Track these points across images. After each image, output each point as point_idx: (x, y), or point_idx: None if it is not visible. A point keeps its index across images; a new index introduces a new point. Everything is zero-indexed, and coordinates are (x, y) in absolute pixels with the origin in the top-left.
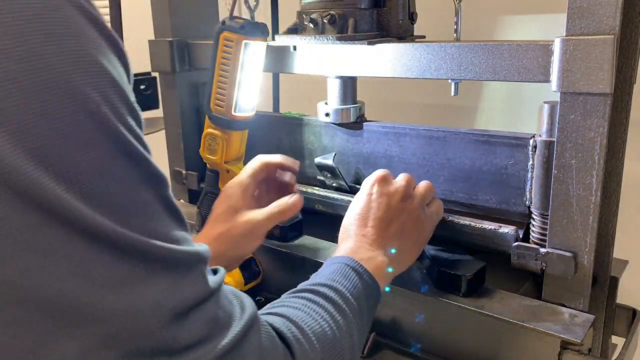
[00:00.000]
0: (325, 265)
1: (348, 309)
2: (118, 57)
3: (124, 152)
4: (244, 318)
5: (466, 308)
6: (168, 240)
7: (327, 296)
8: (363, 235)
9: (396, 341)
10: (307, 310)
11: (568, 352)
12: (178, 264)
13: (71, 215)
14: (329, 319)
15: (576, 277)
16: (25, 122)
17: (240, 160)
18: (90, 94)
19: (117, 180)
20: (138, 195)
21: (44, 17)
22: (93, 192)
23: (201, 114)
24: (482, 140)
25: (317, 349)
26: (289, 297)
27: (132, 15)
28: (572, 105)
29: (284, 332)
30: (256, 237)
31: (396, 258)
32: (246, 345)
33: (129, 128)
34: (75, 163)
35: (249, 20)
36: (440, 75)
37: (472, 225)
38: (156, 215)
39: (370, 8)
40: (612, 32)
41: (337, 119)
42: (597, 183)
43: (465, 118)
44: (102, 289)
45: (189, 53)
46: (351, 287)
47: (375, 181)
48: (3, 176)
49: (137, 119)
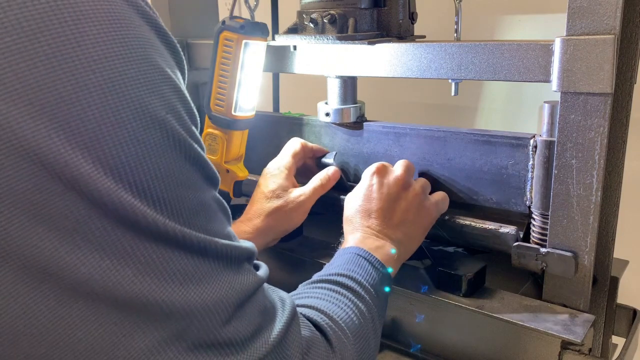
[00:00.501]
0: (337, 256)
1: (367, 296)
2: (175, 60)
3: (188, 157)
4: (286, 309)
5: (466, 308)
6: (225, 237)
7: (346, 285)
8: (368, 227)
9: (396, 341)
10: (331, 299)
11: (568, 352)
12: (235, 259)
13: (143, 220)
14: (352, 307)
15: (576, 277)
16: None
17: (240, 160)
18: (158, 105)
19: (183, 185)
20: (199, 197)
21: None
22: (162, 198)
23: (201, 114)
24: (482, 140)
25: (349, 335)
26: (309, 288)
27: None
28: (573, 105)
29: (317, 321)
30: (304, 211)
31: (402, 245)
32: (292, 335)
33: (191, 133)
34: (145, 172)
35: (249, 20)
36: (441, 75)
37: (472, 225)
38: (214, 214)
39: (370, 8)
40: (612, 32)
41: (338, 119)
42: (598, 183)
43: (465, 118)
44: (173, 286)
45: (189, 53)
46: (366, 275)
47: (374, 172)
48: (78, 184)
49: (195, 121)
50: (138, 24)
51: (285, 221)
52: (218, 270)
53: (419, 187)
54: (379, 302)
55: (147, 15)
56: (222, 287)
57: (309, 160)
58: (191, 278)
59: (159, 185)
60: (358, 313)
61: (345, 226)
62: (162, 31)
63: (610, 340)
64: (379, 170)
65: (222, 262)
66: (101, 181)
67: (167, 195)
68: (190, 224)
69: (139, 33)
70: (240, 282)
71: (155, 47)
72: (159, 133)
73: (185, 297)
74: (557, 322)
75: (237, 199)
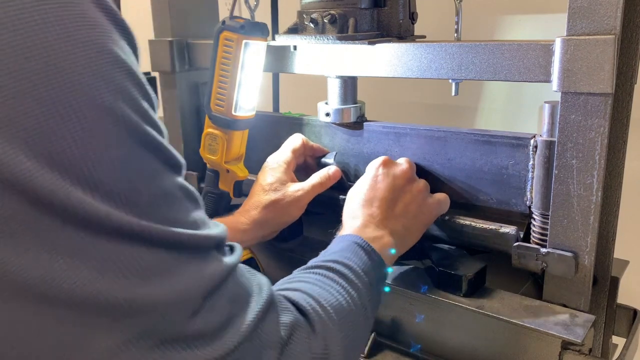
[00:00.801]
0: (334, 243)
1: (361, 284)
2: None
3: (143, 143)
4: (263, 295)
5: (466, 308)
6: (189, 226)
7: (340, 272)
8: (370, 215)
9: (396, 341)
10: (321, 284)
11: (569, 352)
12: (200, 249)
13: (95, 216)
14: (343, 293)
15: (577, 277)
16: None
17: (240, 160)
18: (106, 90)
19: (138, 174)
20: (158, 185)
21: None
22: (114, 190)
23: (201, 114)
24: (482, 140)
25: (335, 320)
26: (302, 273)
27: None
28: (573, 105)
29: (302, 304)
30: (301, 206)
31: (400, 238)
32: (268, 322)
33: (146, 117)
34: (94, 164)
35: (249, 20)
36: (441, 75)
37: (472, 225)
38: (176, 201)
39: (370, 8)
40: (613, 32)
41: (338, 119)
42: (598, 183)
43: (465, 118)
44: (134, 283)
45: (189, 53)
46: (361, 264)
47: (380, 164)
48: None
49: (152, 103)
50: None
51: (282, 214)
52: (182, 261)
53: (423, 184)
54: (373, 292)
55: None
56: (188, 279)
57: (309, 159)
58: (153, 272)
59: (111, 177)
60: (349, 299)
61: (346, 213)
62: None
63: (611, 341)
64: (385, 162)
65: (186, 252)
66: (45, 177)
67: (121, 186)
68: (149, 215)
69: (81, 12)
70: (207, 272)
71: (103, 27)
72: (108, 121)
73: (147, 293)
74: (557, 322)
75: (237, 199)
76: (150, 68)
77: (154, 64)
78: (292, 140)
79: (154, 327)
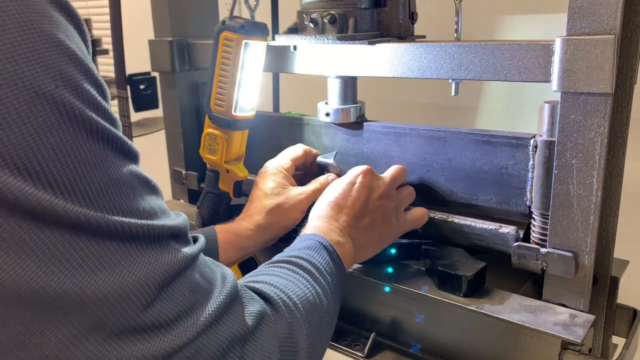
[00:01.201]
0: (298, 240)
1: (323, 280)
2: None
3: (88, 130)
4: (227, 286)
5: (466, 308)
6: (143, 216)
7: (304, 267)
8: (335, 220)
9: (396, 341)
10: (287, 277)
11: (568, 352)
12: (156, 239)
13: (38, 207)
14: (308, 286)
15: (576, 277)
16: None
17: (240, 160)
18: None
19: (86, 164)
20: (107, 173)
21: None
22: (58, 179)
23: (201, 114)
24: (482, 140)
25: (302, 310)
26: (267, 267)
27: (132, 15)
28: (573, 105)
29: (269, 294)
30: (302, 210)
31: (359, 249)
32: (232, 314)
33: (93, 103)
34: (35, 154)
35: (249, 20)
36: (441, 75)
37: (472, 225)
38: (129, 190)
39: (370, 8)
40: (612, 32)
41: (338, 119)
42: (598, 183)
43: (465, 118)
44: (84, 275)
45: (189, 53)
46: (324, 263)
47: (362, 172)
48: None
49: (102, 91)
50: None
51: (285, 218)
52: (134, 252)
53: (399, 199)
54: (334, 292)
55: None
56: (140, 269)
57: (309, 164)
58: (103, 264)
59: (54, 166)
60: (314, 292)
61: (314, 211)
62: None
63: (611, 341)
64: (366, 172)
65: (139, 242)
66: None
67: (66, 176)
68: (98, 204)
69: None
70: (163, 262)
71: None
72: (48, 108)
73: (98, 285)
74: (557, 322)
75: (237, 199)
76: (150, 68)
77: (154, 64)
78: (293, 149)
79: (106, 319)
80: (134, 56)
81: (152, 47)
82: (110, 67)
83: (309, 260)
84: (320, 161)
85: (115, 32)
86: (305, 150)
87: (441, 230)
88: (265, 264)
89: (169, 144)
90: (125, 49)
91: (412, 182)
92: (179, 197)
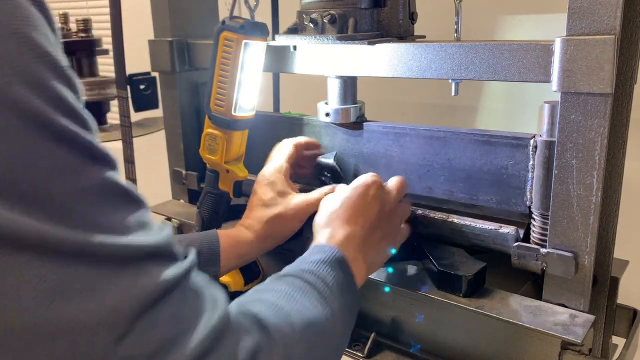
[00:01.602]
0: (313, 251)
1: (334, 299)
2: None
3: (52, 135)
4: (216, 314)
5: (466, 308)
6: (116, 231)
7: (315, 285)
8: (353, 231)
9: (396, 341)
10: (293, 297)
11: (568, 352)
12: (129, 260)
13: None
14: (316, 305)
15: (576, 277)
16: None
17: (240, 160)
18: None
19: (46, 171)
20: (74, 184)
21: None
22: (16, 191)
23: (201, 114)
24: (482, 141)
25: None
26: (275, 281)
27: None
28: (573, 105)
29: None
30: (302, 219)
31: (368, 267)
32: (222, 347)
33: (62, 106)
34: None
35: (249, 20)
36: (441, 75)
37: (472, 226)
38: (97, 202)
39: (370, 8)
40: (612, 32)
41: (337, 119)
42: (598, 183)
43: (465, 118)
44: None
45: (189, 53)
46: (336, 281)
47: (374, 183)
48: None
49: (74, 87)
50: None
51: (284, 228)
52: (103, 275)
53: (402, 213)
54: (344, 309)
55: None
56: (112, 296)
57: (304, 153)
58: (66, 291)
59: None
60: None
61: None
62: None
63: (611, 341)
64: (379, 184)
65: (109, 265)
66: None
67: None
68: (61, 220)
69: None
70: (137, 288)
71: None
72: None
73: (60, 316)
74: (557, 322)
75: (237, 199)
76: (150, 68)
77: (154, 64)
78: (283, 149)
79: (73, 354)
80: (134, 56)
81: (152, 47)
82: (110, 67)
83: (321, 277)
84: (320, 161)
85: (115, 32)
86: (295, 145)
87: (441, 230)
88: (274, 278)
89: (169, 144)
90: (125, 49)
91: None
92: (179, 197)
